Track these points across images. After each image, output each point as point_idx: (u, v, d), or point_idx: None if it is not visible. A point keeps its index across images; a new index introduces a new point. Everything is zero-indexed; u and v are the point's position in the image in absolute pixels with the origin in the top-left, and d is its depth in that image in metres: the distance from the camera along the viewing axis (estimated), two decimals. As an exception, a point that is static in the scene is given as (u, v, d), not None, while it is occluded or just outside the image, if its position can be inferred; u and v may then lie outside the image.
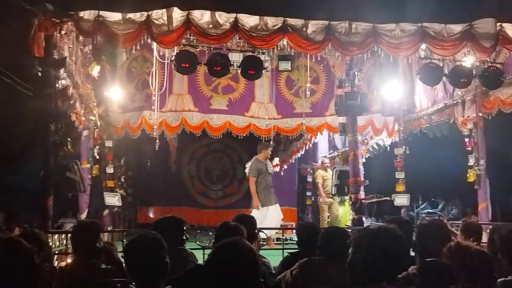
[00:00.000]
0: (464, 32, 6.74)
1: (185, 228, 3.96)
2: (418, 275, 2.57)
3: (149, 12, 6.35)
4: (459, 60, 7.59)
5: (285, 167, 14.01)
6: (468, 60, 7.54)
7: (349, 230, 7.07)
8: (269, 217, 9.13)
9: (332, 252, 3.45)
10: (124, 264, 2.78)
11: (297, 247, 4.46)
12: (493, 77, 7.26)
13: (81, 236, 3.69)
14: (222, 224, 3.83)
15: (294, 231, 7.31)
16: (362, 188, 8.93)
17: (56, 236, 6.54)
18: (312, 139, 12.05)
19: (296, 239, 4.63)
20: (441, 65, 7.52)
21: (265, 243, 7.20)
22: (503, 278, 2.80)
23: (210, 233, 6.43)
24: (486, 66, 7.35)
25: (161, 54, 8.89)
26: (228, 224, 3.80)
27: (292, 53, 8.25)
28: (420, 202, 14.88)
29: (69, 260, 6.17)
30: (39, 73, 6.12)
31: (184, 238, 3.94)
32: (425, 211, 14.60)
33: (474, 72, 7.39)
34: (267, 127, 9.93)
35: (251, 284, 2.06)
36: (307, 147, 12.76)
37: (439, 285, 2.28)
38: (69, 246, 6.69)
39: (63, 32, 6.48)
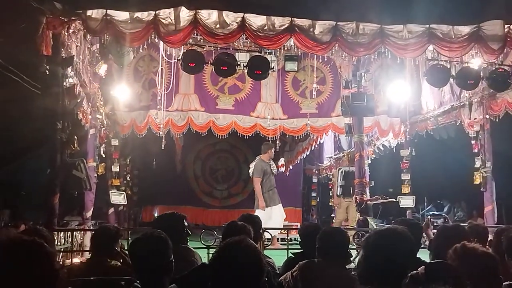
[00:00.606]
0: (472, 34, 6.72)
1: (186, 224, 3.86)
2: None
3: (157, 12, 6.38)
4: (466, 62, 7.55)
5: (290, 167, 14.01)
6: (476, 62, 7.51)
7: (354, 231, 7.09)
8: (273, 217, 9.14)
9: (330, 253, 3.44)
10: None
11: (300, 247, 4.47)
12: (501, 79, 7.22)
13: (101, 238, 3.73)
14: (229, 223, 3.81)
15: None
16: (367, 189, 8.91)
17: (61, 234, 6.58)
18: (318, 140, 12.03)
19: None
20: (449, 66, 7.49)
21: (269, 243, 7.21)
22: (509, 282, 2.78)
23: (215, 233, 6.44)
24: (494, 68, 7.32)
25: (168, 53, 8.92)
26: (236, 223, 3.78)
27: (299, 54, 8.26)
28: (425, 204, 14.81)
29: (75, 259, 6.21)
30: (47, 72, 6.15)
31: (185, 233, 3.83)
32: (431, 213, 14.55)
33: (481, 74, 7.35)
34: (271, 127, 9.92)
35: (255, 283, 2.06)
36: (313, 148, 12.74)
37: (444, 286, 2.27)
38: (74, 243, 6.75)
39: (71, 31, 6.51)
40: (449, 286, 2.26)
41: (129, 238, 6.20)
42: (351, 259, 4.00)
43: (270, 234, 7.29)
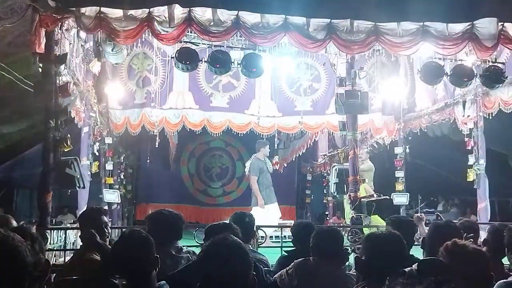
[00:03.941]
0: (465, 32, 6.73)
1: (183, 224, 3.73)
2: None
3: (151, 9, 6.35)
4: (460, 59, 7.58)
5: (285, 165, 14.01)
6: (469, 59, 7.53)
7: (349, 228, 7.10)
8: (270, 215, 9.18)
9: (323, 251, 3.44)
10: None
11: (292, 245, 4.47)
12: (494, 76, 7.24)
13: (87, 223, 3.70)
14: (210, 226, 3.75)
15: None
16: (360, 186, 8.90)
17: (54, 232, 6.55)
18: (313, 138, 12.03)
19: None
20: (442, 64, 7.51)
21: (263, 241, 7.21)
22: (505, 280, 2.79)
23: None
24: (487, 66, 7.34)
25: (162, 51, 8.90)
26: (216, 225, 3.71)
27: (293, 51, 8.25)
28: (419, 201, 14.87)
29: (67, 257, 6.19)
30: (40, 69, 6.12)
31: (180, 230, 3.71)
32: (424, 210, 14.59)
33: (475, 72, 7.38)
34: (266, 124, 9.93)
35: (243, 278, 2.07)
36: (308, 145, 12.75)
37: (436, 283, 2.29)
38: (67, 242, 6.72)
39: (64, 28, 6.47)
40: (440, 283, 2.28)
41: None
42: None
43: (264, 232, 7.29)
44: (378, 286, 2.42)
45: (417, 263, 2.48)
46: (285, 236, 7.47)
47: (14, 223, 3.49)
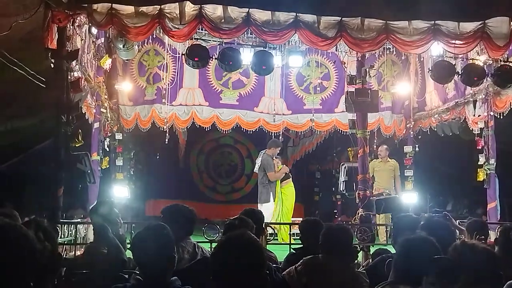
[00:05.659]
0: (477, 31, 6.70)
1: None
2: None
3: (162, 6, 6.38)
4: (472, 58, 7.53)
5: (294, 162, 14.00)
6: (481, 58, 7.48)
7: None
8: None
9: (333, 249, 3.45)
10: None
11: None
12: (506, 76, 7.19)
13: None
14: (230, 221, 3.79)
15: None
16: (370, 184, 8.89)
17: (65, 227, 6.61)
18: (323, 136, 12.00)
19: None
20: (454, 63, 7.46)
21: (272, 238, 7.23)
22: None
23: (218, 227, 6.47)
24: (499, 65, 7.28)
25: (173, 47, 8.93)
26: (235, 221, 3.74)
27: (303, 49, 8.24)
28: (428, 200, 14.77)
29: (78, 252, 6.25)
30: (52, 65, 6.17)
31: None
32: (433, 209, 14.49)
33: (486, 71, 7.32)
34: (276, 122, 9.93)
35: (256, 275, 2.08)
36: (318, 144, 12.73)
37: (444, 282, 2.29)
38: (78, 236, 6.78)
39: (76, 24, 6.52)
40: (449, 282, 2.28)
41: (132, 232, 6.23)
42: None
43: (273, 229, 7.31)
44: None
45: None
46: (293, 234, 7.49)
47: (20, 221, 3.56)
